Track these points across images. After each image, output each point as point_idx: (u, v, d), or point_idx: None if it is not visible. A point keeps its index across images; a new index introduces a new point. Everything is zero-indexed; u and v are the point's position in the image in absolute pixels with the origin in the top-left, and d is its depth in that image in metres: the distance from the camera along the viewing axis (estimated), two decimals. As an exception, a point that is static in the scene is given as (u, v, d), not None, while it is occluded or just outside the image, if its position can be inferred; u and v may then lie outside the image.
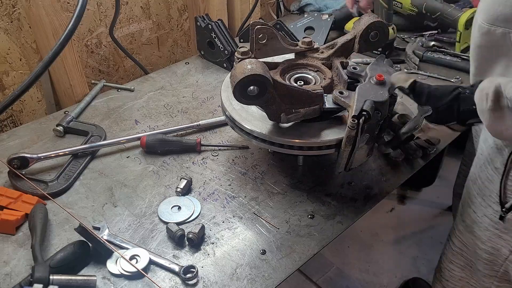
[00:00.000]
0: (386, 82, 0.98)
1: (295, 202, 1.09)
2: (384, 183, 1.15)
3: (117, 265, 0.92)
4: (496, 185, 0.89)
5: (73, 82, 1.41)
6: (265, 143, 1.03)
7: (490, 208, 0.91)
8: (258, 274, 0.93)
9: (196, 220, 1.04)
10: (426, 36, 1.69)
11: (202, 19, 1.56)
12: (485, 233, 0.94)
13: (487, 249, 0.95)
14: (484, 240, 0.95)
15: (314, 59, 1.12)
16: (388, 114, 1.04)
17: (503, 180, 0.87)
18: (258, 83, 0.92)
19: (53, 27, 1.29)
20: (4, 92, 1.40)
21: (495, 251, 0.94)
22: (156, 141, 1.21)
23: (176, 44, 1.84)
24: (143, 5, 1.64)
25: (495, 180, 0.90)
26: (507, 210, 0.87)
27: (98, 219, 1.03)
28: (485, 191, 0.93)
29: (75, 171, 1.15)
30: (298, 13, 1.98)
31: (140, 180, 1.14)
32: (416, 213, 2.29)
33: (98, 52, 1.59)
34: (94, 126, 1.29)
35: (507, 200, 0.87)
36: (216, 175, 1.15)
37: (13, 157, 1.10)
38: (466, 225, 1.01)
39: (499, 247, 0.92)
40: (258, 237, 1.00)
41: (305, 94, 0.99)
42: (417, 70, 1.55)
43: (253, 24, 1.05)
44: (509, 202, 0.87)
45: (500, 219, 0.89)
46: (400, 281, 1.96)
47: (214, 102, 1.42)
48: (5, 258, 0.95)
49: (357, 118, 0.90)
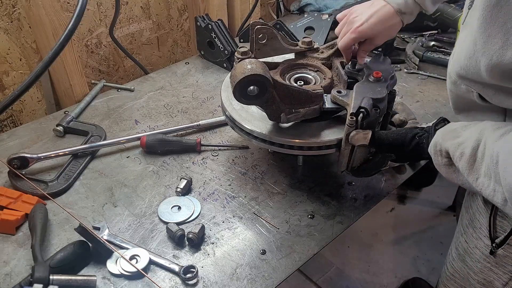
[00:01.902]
0: (384, 79, 0.98)
1: (295, 202, 1.09)
2: (384, 183, 1.15)
3: (117, 265, 0.92)
4: (486, 218, 0.86)
5: (73, 82, 1.41)
6: (265, 143, 1.03)
7: (481, 241, 0.88)
8: (258, 274, 0.93)
9: (196, 220, 1.04)
10: (426, 36, 1.69)
11: (202, 19, 1.56)
12: (477, 265, 0.91)
13: (480, 280, 0.92)
14: (476, 271, 0.92)
15: (314, 59, 1.12)
16: (389, 111, 1.04)
17: (492, 215, 0.84)
18: (258, 83, 0.92)
19: (53, 27, 1.29)
20: (4, 92, 1.40)
21: (487, 282, 0.90)
22: (156, 141, 1.21)
23: (176, 44, 1.84)
24: (143, 5, 1.64)
25: (484, 213, 0.87)
26: (497, 246, 0.84)
27: (98, 219, 1.03)
28: (476, 223, 0.89)
29: (75, 171, 1.15)
30: (298, 13, 1.98)
31: (140, 180, 1.14)
32: (416, 213, 2.29)
33: (98, 52, 1.59)
34: (94, 126, 1.29)
35: (497, 235, 0.84)
36: (216, 175, 1.15)
37: (13, 157, 1.10)
38: (459, 253, 0.97)
39: (492, 280, 0.89)
40: (258, 237, 1.00)
41: (305, 94, 0.99)
42: (417, 70, 1.55)
43: (253, 24, 1.05)
44: (499, 237, 0.83)
45: (491, 253, 0.86)
46: (400, 281, 1.96)
47: (214, 102, 1.42)
48: (5, 258, 0.95)
49: (355, 116, 0.90)
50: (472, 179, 0.74)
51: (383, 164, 1.00)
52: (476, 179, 0.73)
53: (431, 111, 1.37)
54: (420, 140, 0.89)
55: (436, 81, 1.51)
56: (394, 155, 0.97)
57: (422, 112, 1.37)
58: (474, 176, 0.73)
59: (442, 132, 0.84)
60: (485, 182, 0.71)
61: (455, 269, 1.00)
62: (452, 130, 0.82)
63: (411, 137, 0.91)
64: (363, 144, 0.93)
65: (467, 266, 0.95)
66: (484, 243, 0.88)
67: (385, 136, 0.94)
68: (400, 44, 1.67)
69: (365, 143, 0.92)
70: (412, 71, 1.55)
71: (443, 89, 1.47)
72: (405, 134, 0.92)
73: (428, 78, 1.52)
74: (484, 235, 0.87)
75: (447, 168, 0.82)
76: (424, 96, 1.44)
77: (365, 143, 0.92)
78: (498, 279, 0.87)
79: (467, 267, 0.95)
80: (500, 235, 0.83)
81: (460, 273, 0.99)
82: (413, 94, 1.45)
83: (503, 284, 0.87)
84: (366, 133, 0.92)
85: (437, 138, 0.84)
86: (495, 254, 0.86)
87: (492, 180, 0.69)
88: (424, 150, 0.89)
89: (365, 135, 0.92)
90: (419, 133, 0.91)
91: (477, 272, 0.92)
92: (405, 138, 0.91)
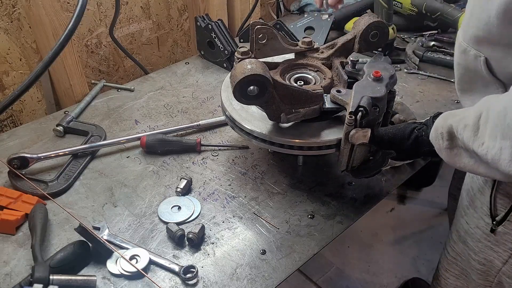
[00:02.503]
0: (384, 78, 0.98)
1: (295, 202, 1.09)
2: (384, 183, 1.15)
3: (117, 265, 0.92)
4: (486, 197, 0.89)
5: (73, 82, 1.41)
6: (265, 143, 1.03)
7: (482, 220, 0.91)
8: (258, 274, 0.93)
9: (196, 220, 1.04)
10: (426, 36, 1.69)
11: (202, 19, 1.56)
12: (478, 245, 0.94)
13: (480, 260, 0.94)
14: (476, 251, 0.95)
15: (314, 59, 1.12)
16: (389, 111, 1.04)
17: (493, 193, 0.87)
18: (258, 83, 0.92)
19: (53, 27, 1.29)
20: (4, 92, 1.40)
21: (488, 262, 0.93)
22: (156, 141, 1.21)
23: (176, 44, 1.84)
24: (143, 5, 1.64)
25: (485, 192, 0.89)
26: (498, 223, 0.86)
27: (98, 219, 1.03)
28: (477, 203, 0.92)
29: (75, 171, 1.15)
30: (298, 13, 1.98)
31: (140, 180, 1.14)
32: (416, 213, 2.29)
33: (98, 52, 1.59)
34: (94, 126, 1.29)
35: (498, 213, 0.87)
36: (216, 175, 1.15)
37: (13, 157, 1.10)
38: (460, 235, 1.00)
39: (492, 259, 0.92)
40: (258, 237, 1.00)
41: (305, 94, 0.99)
42: (417, 70, 1.55)
43: (253, 24, 1.05)
44: (499, 215, 0.86)
45: (491, 231, 0.89)
46: (400, 281, 1.96)
47: (214, 102, 1.42)
48: (5, 258, 0.95)
49: (354, 114, 0.90)
50: (477, 146, 0.74)
51: (383, 164, 1.00)
52: (482, 143, 0.73)
53: (431, 111, 1.37)
54: (419, 133, 0.90)
55: (436, 81, 1.51)
56: (394, 152, 0.97)
57: (422, 112, 1.37)
58: (480, 141, 0.73)
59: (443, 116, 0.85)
60: (490, 144, 0.71)
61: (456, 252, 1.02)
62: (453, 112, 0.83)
63: (410, 131, 0.91)
64: (363, 143, 0.93)
65: (468, 247, 0.97)
66: (484, 221, 0.90)
67: (384, 132, 0.94)
68: (400, 44, 1.67)
69: (365, 141, 0.92)
70: (412, 71, 1.55)
71: (443, 89, 1.47)
72: (404, 128, 0.93)
73: (428, 78, 1.52)
74: (485, 214, 0.89)
75: (449, 152, 0.82)
76: (424, 96, 1.44)
77: (365, 141, 0.92)
78: (498, 257, 0.90)
79: (468, 248, 0.97)
80: (500, 213, 0.86)
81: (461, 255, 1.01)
82: (413, 94, 1.45)
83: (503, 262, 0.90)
84: (366, 131, 0.92)
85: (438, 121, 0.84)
86: (495, 232, 0.88)
87: (498, 139, 0.70)
88: (424, 143, 0.89)
89: (364, 133, 0.92)
90: (418, 126, 0.91)
91: (478, 252, 0.94)
92: (404, 132, 0.92)
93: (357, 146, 0.95)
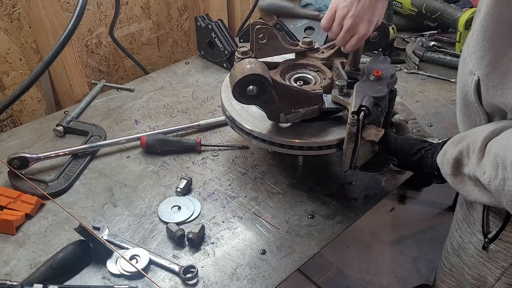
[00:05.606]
0: (385, 78, 0.98)
1: (295, 202, 1.09)
2: (384, 183, 1.15)
3: (117, 265, 0.92)
4: (479, 214, 0.88)
5: (73, 82, 1.41)
6: (265, 143, 1.03)
7: (475, 236, 0.90)
8: (258, 274, 0.93)
9: (196, 220, 1.04)
10: (426, 36, 1.69)
11: (202, 19, 1.56)
12: (471, 260, 0.93)
13: (474, 275, 0.94)
14: (470, 266, 0.94)
15: (315, 59, 1.12)
16: (390, 110, 1.04)
17: (485, 210, 0.86)
18: (257, 83, 0.92)
19: (53, 27, 1.29)
20: (4, 92, 1.40)
21: (481, 277, 0.92)
22: (156, 141, 1.21)
23: (176, 44, 1.84)
24: (143, 5, 1.64)
25: (477, 208, 0.89)
26: (490, 241, 0.86)
27: (98, 219, 1.03)
28: (470, 218, 0.92)
29: (75, 171, 1.15)
30: (298, 13, 1.98)
31: (140, 180, 1.14)
32: (416, 213, 2.29)
33: (98, 52, 1.59)
34: (94, 126, 1.29)
35: (490, 231, 0.86)
36: (216, 175, 1.15)
37: (13, 157, 1.10)
38: (454, 248, 0.99)
39: (485, 275, 0.91)
40: (258, 237, 1.00)
41: (304, 94, 0.99)
42: (417, 70, 1.55)
43: (253, 24, 1.05)
44: (491, 232, 0.85)
45: (483, 248, 0.88)
46: (400, 281, 1.96)
47: (214, 102, 1.42)
48: (5, 258, 0.95)
49: (356, 114, 0.91)
50: (480, 173, 0.76)
51: (385, 164, 1.00)
52: (484, 172, 0.74)
53: (431, 111, 1.37)
54: (425, 154, 0.92)
55: (436, 81, 1.51)
56: (397, 161, 0.98)
57: (422, 112, 1.37)
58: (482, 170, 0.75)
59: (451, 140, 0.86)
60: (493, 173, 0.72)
61: (451, 263, 1.02)
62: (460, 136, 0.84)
63: (417, 150, 0.93)
64: (371, 140, 0.93)
65: (461, 261, 0.97)
66: (477, 238, 0.89)
67: (393, 139, 0.95)
68: (400, 44, 1.67)
69: (375, 140, 0.92)
70: (412, 71, 1.55)
71: (443, 89, 1.47)
72: (413, 144, 0.94)
73: (428, 78, 1.52)
74: (478, 230, 0.89)
75: (454, 178, 0.84)
76: (424, 96, 1.44)
77: (375, 140, 0.92)
78: (491, 274, 0.89)
79: (461, 261, 0.97)
80: (492, 231, 0.85)
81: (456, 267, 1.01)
82: (413, 94, 1.45)
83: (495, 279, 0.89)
84: (379, 130, 0.92)
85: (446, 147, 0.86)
86: (487, 249, 0.87)
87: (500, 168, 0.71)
88: (427, 164, 0.91)
89: (377, 132, 0.92)
90: (426, 147, 0.93)
91: (471, 267, 0.94)
92: (412, 149, 0.93)
93: (360, 147, 0.95)
